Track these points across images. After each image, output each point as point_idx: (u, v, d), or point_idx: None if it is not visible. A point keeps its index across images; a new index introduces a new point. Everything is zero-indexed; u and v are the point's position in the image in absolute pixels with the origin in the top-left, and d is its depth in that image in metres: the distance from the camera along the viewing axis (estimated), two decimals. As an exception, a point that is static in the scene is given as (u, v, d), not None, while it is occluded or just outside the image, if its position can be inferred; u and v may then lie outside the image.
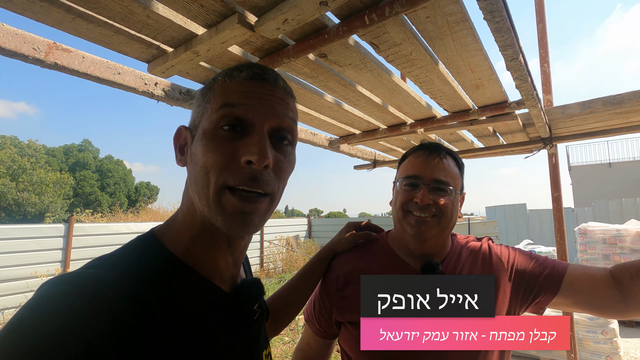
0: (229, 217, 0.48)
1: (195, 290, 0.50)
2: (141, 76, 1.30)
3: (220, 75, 0.53)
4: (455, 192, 0.91)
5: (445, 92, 1.50)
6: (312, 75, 1.32)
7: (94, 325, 0.36)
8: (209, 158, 0.48)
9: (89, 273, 0.42)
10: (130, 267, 0.45)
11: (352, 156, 2.50)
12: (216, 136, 0.49)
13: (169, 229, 0.54)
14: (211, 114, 0.50)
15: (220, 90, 0.51)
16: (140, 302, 0.42)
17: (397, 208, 0.95)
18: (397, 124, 1.95)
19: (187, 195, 0.54)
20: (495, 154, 2.54)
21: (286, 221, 12.10)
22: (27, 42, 1.02)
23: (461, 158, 1.05)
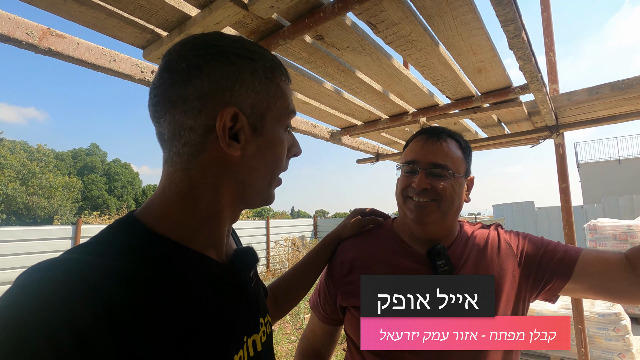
0: (272, 194, 0.59)
1: (191, 265, 0.49)
2: (137, 64, 1.29)
3: (282, 75, 0.56)
4: (455, 176, 0.88)
5: (447, 77, 1.46)
6: (309, 60, 1.30)
7: (84, 314, 0.34)
8: (282, 154, 0.56)
9: (72, 258, 0.40)
10: (114, 250, 0.43)
11: (354, 149, 2.47)
12: (285, 136, 0.57)
13: (154, 213, 0.51)
14: (283, 114, 0.56)
15: (287, 93, 0.57)
16: (132, 283, 0.40)
17: (398, 194, 0.95)
18: (399, 113, 1.92)
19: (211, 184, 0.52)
20: (500, 145, 2.49)
21: (292, 222, 12.13)
22: (21, 27, 1.01)
23: (468, 142, 1.02)
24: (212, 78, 0.49)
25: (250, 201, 0.56)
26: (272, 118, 0.54)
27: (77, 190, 27.61)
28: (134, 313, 0.38)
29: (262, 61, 0.53)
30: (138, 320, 0.38)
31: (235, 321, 0.53)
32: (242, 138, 0.51)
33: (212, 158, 0.51)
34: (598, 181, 14.41)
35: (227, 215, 0.55)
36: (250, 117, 0.51)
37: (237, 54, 0.51)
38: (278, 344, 4.87)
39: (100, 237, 0.46)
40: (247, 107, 0.51)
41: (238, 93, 0.50)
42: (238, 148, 0.51)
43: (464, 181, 0.93)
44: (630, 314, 4.61)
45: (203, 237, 0.53)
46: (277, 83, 0.55)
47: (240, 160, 0.52)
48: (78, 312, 0.33)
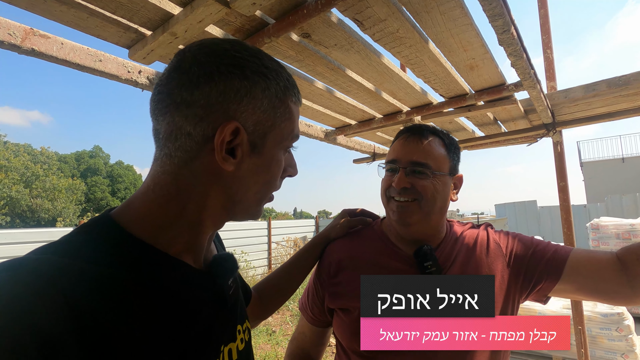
0: (260, 211, 0.57)
1: (166, 270, 0.48)
2: (124, 64, 1.28)
3: (294, 97, 0.55)
4: (437, 174, 0.87)
5: (439, 75, 1.44)
6: (298, 58, 1.28)
7: (46, 316, 0.32)
8: (275, 175, 0.54)
9: (39, 259, 0.38)
10: (85, 251, 0.41)
11: (350, 149, 2.45)
12: (283, 158, 0.55)
13: (131, 214, 0.49)
14: (286, 137, 0.54)
15: (294, 116, 0.55)
16: (101, 286, 0.38)
17: (382, 194, 0.94)
18: (393, 112, 1.90)
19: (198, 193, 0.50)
20: (497, 144, 2.46)
21: (294, 222, 12.12)
22: (2, 27, 1.00)
23: (454, 138, 0.99)
24: (222, 89, 0.47)
25: (236, 215, 0.55)
26: (275, 139, 0.52)
27: (81, 193, 27.76)
28: (101, 319, 0.36)
29: (277, 80, 0.52)
30: (106, 326, 0.37)
31: (211, 329, 0.51)
32: (239, 154, 0.49)
33: (204, 168, 0.49)
34: (601, 180, 14.30)
35: (210, 224, 0.53)
36: (252, 135, 0.50)
37: (254, 69, 0.49)
38: (279, 345, 4.86)
39: (72, 237, 0.44)
40: (250, 123, 0.49)
41: (244, 108, 0.49)
42: (233, 163, 0.49)
43: (449, 179, 0.91)
44: (633, 314, 4.56)
45: (181, 243, 0.51)
46: (287, 104, 0.53)
47: (233, 175, 0.50)
48: (43, 316, 0.32)
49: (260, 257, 9.67)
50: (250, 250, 9.22)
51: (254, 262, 9.21)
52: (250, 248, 9.28)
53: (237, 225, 9.26)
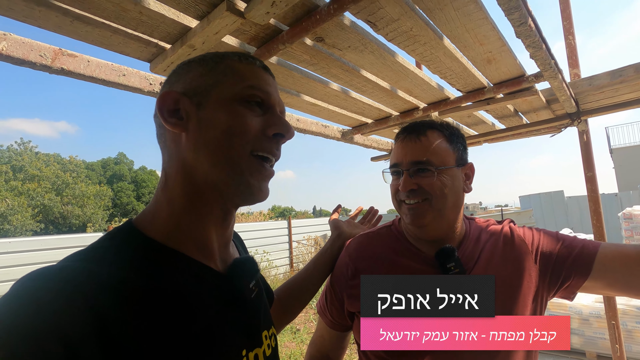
0: (255, 182, 0.53)
1: (184, 271, 0.50)
2: (146, 77, 1.33)
3: (234, 56, 0.57)
4: (442, 169, 0.84)
5: (455, 70, 1.42)
6: (312, 62, 1.30)
7: (71, 321, 0.35)
8: (237, 124, 0.52)
9: (66, 266, 0.41)
10: (109, 256, 0.44)
11: (367, 147, 2.45)
12: (244, 107, 0.53)
13: (148, 215, 0.53)
14: (234, 87, 0.54)
15: (242, 70, 0.56)
16: (123, 290, 0.41)
17: (392, 199, 0.93)
18: (409, 109, 1.89)
19: (179, 163, 0.53)
20: (519, 136, 2.40)
21: (314, 221, 12.14)
22: (34, 50, 1.07)
23: (455, 128, 0.95)
24: (169, 79, 0.57)
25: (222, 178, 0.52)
26: (220, 93, 0.54)
27: (108, 198, 28.79)
28: (122, 322, 0.39)
29: (215, 54, 0.58)
30: (126, 329, 0.39)
31: (232, 334, 0.52)
32: (184, 114, 0.53)
33: (171, 145, 0.54)
34: (633, 166, 13.62)
35: (204, 211, 0.54)
36: (195, 96, 0.53)
37: (197, 59, 0.57)
38: (303, 342, 4.90)
39: (98, 244, 0.47)
40: (190, 89, 0.54)
41: (183, 80, 0.55)
42: (180, 124, 0.53)
43: (458, 171, 0.87)
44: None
45: (192, 240, 0.53)
46: (227, 63, 0.56)
47: (188, 139, 0.53)
48: (68, 321, 0.34)
49: (281, 257, 9.77)
50: (271, 250, 9.33)
51: (275, 261, 9.32)
52: (271, 247, 9.39)
53: (258, 225, 9.39)
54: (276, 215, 36.06)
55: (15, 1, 0.88)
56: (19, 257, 5.27)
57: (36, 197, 23.42)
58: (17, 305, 0.35)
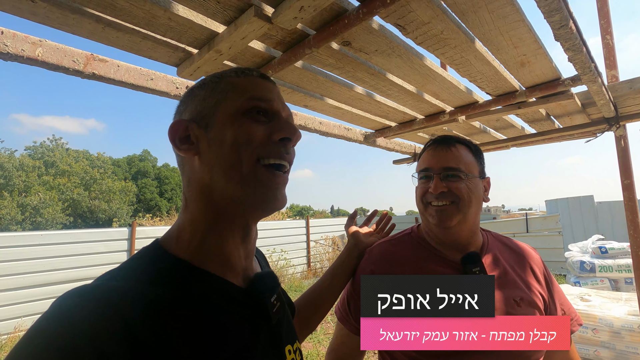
0: (265, 191, 0.54)
1: (208, 288, 0.51)
2: (173, 80, 1.34)
3: (231, 73, 0.59)
4: (470, 177, 0.92)
5: (486, 74, 1.37)
6: (338, 65, 1.28)
7: (105, 335, 0.37)
8: (242, 135, 0.53)
9: (100, 285, 0.44)
10: (139, 276, 0.47)
11: (389, 150, 2.41)
12: (248, 119, 0.55)
13: (174, 234, 0.55)
14: (237, 102, 0.55)
15: (241, 84, 0.57)
16: (152, 304, 0.43)
17: (418, 202, 0.99)
18: (435, 112, 1.84)
19: (197, 186, 0.55)
20: (550, 140, 2.30)
21: (331, 221, 12.13)
22: (68, 56, 1.09)
23: (477, 145, 1.04)
24: (178, 110, 0.61)
25: (237, 194, 0.53)
26: (225, 110, 0.55)
27: (132, 194, 29.73)
28: (152, 336, 0.41)
29: (213, 75, 0.61)
30: (155, 342, 0.41)
31: (256, 348, 0.52)
32: (194, 138, 0.55)
33: (188, 170, 0.57)
34: (671, 171, 12.86)
35: (225, 228, 0.55)
36: (201, 120, 0.56)
37: (198, 85, 0.60)
38: (320, 343, 4.90)
39: (128, 263, 0.50)
40: (196, 113, 0.57)
41: (189, 107, 0.58)
42: (192, 148, 0.55)
43: (480, 182, 0.96)
44: None
45: (216, 257, 0.54)
46: (226, 81, 0.58)
47: (200, 161, 0.55)
48: (102, 336, 0.37)
49: (299, 256, 9.81)
50: (289, 249, 9.38)
51: (293, 260, 9.36)
52: (289, 247, 9.44)
53: (276, 224, 9.45)
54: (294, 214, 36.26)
55: (52, 9, 0.91)
56: (51, 249, 5.50)
57: (66, 192, 24.47)
58: (56, 322, 0.38)
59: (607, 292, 4.40)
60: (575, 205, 10.23)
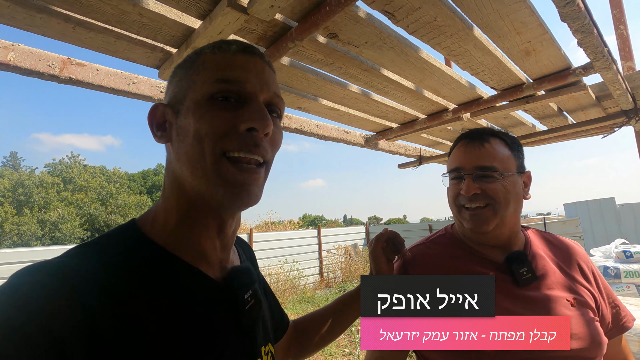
0: (230, 188, 0.48)
1: (179, 278, 0.48)
2: (157, 84, 1.29)
3: (208, 48, 0.52)
4: (506, 175, 0.83)
5: (488, 65, 1.27)
6: (327, 61, 1.20)
7: (60, 318, 0.35)
8: (203, 126, 0.48)
9: (61, 261, 0.40)
10: (107, 256, 0.44)
11: (393, 153, 2.31)
12: (212, 106, 0.48)
13: (150, 216, 0.52)
14: (203, 86, 0.49)
15: (212, 63, 0.50)
16: (115, 293, 0.40)
17: (451, 204, 0.91)
18: (438, 111, 1.74)
19: (171, 175, 0.52)
20: (564, 137, 2.16)
21: (343, 230, 12.01)
22: (42, 60, 1.05)
23: (514, 136, 0.93)
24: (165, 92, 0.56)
25: (202, 187, 0.49)
26: (193, 94, 0.50)
27: (147, 208, 30.19)
28: (112, 325, 0.38)
29: (194, 51, 0.54)
30: (115, 332, 0.38)
31: (226, 343, 0.49)
32: (168, 125, 0.52)
33: (167, 157, 0.53)
34: (698, 170, 12.25)
35: (199, 220, 0.51)
36: (174, 105, 0.51)
37: (180, 63, 0.55)
38: (332, 356, 4.75)
39: (100, 239, 0.47)
40: (172, 97, 0.52)
41: (170, 90, 0.53)
42: (164, 135, 0.52)
43: (518, 178, 0.86)
44: None
45: (189, 247, 0.51)
46: (201, 60, 0.51)
47: (173, 148, 0.51)
48: (56, 319, 0.34)
49: (311, 266, 9.67)
50: (301, 259, 9.25)
51: (305, 270, 9.23)
52: (301, 257, 9.31)
53: (287, 234, 9.38)
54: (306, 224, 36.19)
55: (16, 9, 0.86)
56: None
57: (83, 207, 25.01)
58: (9, 300, 0.35)
59: (634, 299, 4.14)
60: (595, 208, 9.83)
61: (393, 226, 12.78)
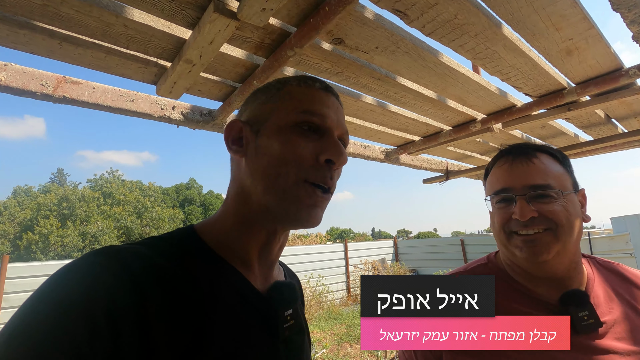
0: (303, 208, 0.52)
1: (226, 278, 0.50)
2: (157, 101, 1.23)
3: (294, 81, 0.57)
4: (564, 194, 0.72)
5: (521, 68, 1.11)
6: (335, 71, 1.09)
7: (117, 297, 0.37)
8: (289, 151, 0.52)
9: (125, 247, 0.44)
10: (165, 249, 0.48)
11: (417, 168, 2.14)
12: (296, 133, 0.53)
13: (207, 223, 0.56)
14: (289, 114, 0.54)
15: (299, 95, 0.56)
16: (167, 282, 0.43)
17: (498, 231, 0.78)
18: (464, 122, 1.57)
19: (238, 186, 0.56)
20: (613, 149, 1.91)
21: (371, 244, 11.76)
22: (35, 79, 1.01)
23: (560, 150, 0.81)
24: (240, 109, 0.61)
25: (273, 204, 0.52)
26: (277, 119, 0.54)
27: (180, 221, 31.13)
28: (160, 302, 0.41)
29: (278, 80, 0.59)
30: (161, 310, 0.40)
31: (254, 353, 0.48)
32: (245, 141, 0.55)
33: (235, 168, 0.58)
34: None
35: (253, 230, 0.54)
36: (254, 125, 0.55)
37: (262, 87, 0.59)
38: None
39: (163, 235, 0.52)
40: (251, 116, 0.57)
41: (249, 109, 0.58)
42: (240, 150, 0.55)
43: (575, 198, 0.75)
44: None
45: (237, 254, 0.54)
46: (287, 89, 0.56)
47: (247, 163, 0.55)
48: (113, 296, 0.37)
49: (338, 281, 9.44)
50: (327, 274, 9.04)
51: (331, 286, 9.00)
52: (327, 272, 9.12)
53: (314, 248, 9.26)
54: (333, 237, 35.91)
55: (-1, 26, 0.82)
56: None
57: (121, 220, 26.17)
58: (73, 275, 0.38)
59: None
60: (649, 222, 8.95)
61: (423, 240, 12.34)
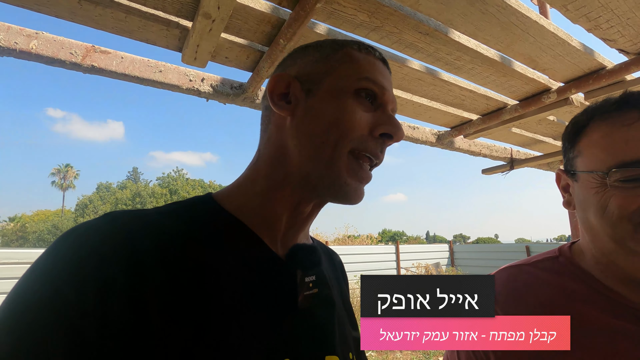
0: (351, 184, 0.49)
1: (240, 240, 0.48)
2: (185, 72, 1.18)
3: (354, 44, 0.54)
4: None
5: (618, 10, 0.86)
6: (373, 25, 0.93)
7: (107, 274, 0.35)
8: (345, 118, 0.49)
9: (137, 215, 0.42)
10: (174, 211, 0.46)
11: (475, 155, 1.88)
12: (355, 100, 0.50)
13: (226, 191, 0.54)
14: (349, 79, 0.51)
15: (360, 60, 0.52)
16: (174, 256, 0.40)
17: (616, 220, 0.59)
18: (535, 93, 1.31)
19: (277, 146, 0.52)
20: None
21: (424, 247, 11.38)
22: (65, 48, 1.00)
23: None
24: (284, 62, 0.56)
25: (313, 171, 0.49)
26: (334, 82, 0.51)
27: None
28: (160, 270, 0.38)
29: (333, 40, 0.55)
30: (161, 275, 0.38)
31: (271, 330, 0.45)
32: (293, 100, 0.51)
33: (273, 128, 0.53)
34: None
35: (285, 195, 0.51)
36: (306, 83, 0.51)
37: (314, 44, 0.55)
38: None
39: (176, 201, 0.50)
40: (303, 74, 0.52)
41: (298, 64, 0.53)
42: (288, 108, 0.51)
43: None
44: None
45: (260, 217, 0.51)
46: (345, 51, 0.53)
47: (292, 124, 0.51)
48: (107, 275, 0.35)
49: (388, 284, 9.20)
50: (377, 276, 8.86)
51: (381, 289, 8.78)
52: (377, 273, 8.92)
53: (364, 249, 9.16)
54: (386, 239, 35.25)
55: (19, -15, 0.80)
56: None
57: (184, 215, 28.50)
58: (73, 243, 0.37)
59: None
60: None
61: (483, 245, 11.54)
